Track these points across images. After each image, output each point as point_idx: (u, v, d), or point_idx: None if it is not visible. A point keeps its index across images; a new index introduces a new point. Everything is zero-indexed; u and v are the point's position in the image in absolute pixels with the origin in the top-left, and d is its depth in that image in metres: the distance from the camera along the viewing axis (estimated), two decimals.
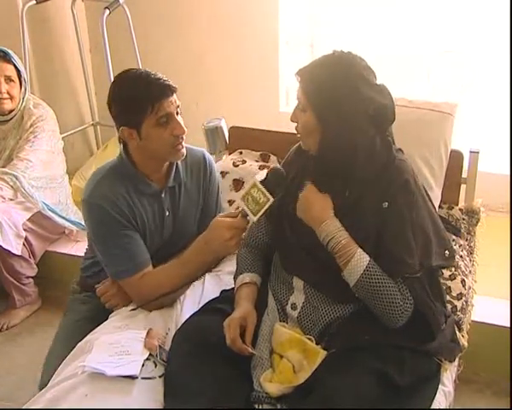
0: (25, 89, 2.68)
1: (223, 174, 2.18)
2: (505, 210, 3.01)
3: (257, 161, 2.29)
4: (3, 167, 2.63)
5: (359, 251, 1.39)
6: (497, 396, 2.16)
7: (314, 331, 1.45)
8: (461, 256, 1.91)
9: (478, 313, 1.97)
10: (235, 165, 2.24)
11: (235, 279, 1.61)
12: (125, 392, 1.38)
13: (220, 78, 3.60)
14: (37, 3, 3.25)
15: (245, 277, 1.57)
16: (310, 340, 1.43)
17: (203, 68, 3.60)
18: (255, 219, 1.50)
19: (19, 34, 3.21)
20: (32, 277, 2.71)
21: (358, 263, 1.37)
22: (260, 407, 1.37)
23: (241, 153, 2.36)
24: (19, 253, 2.57)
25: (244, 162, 2.25)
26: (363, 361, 1.33)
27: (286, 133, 2.17)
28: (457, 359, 1.61)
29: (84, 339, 1.60)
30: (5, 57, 2.59)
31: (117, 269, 1.70)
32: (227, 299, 1.59)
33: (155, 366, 1.46)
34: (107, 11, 3.05)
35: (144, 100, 1.60)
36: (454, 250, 1.57)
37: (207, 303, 1.62)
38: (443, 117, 1.99)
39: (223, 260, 1.88)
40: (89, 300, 1.90)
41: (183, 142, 1.68)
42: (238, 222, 1.55)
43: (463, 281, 1.81)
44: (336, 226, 1.41)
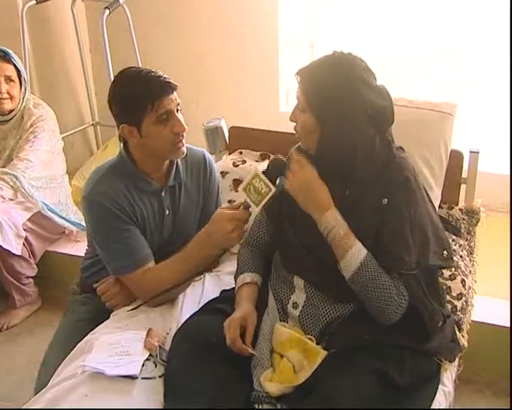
0: (25, 89, 2.68)
1: (223, 174, 2.18)
2: (505, 210, 3.01)
3: (257, 161, 2.29)
4: (3, 167, 2.63)
5: (358, 244, 1.39)
6: (497, 396, 2.16)
7: (315, 331, 1.46)
8: (461, 256, 1.91)
9: (478, 313, 1.97)
10: (235, 165, 2.24)
11: (235, 279, 1.61)
12: (125, 392, 1.38)
13: (220, 78, 3.60)
14: (37, 3, 3.25)
15: (246, 277, 1.57)
16: (310, 340, 1.43)
17: (203, 68, 3.61)
18: (257, 209, 1.50)
19: (19, 34, 3.21)
20: (32, 277, 2.71)
21: (355, 256, 1.37)
22: (260, 407, 1.37)
23: (241, 153, 2.36)
24: (19, 253, 2.57)
25: (244, 162, 2.25)
26: (363, 361, 1.33)
27: (286, 133, 2.17)
28: (457, 359, 1.61)
29: (84, 339, 1.60)
30: (5, 57, 2.59)
31: (118, 265, 1.69)
32: (227, 299, 1.59)
33: (155, 366, 1.46)
34: (107, 11, 3.05)
35: (144, 97, 1.60)
36: (452, 252, 1.57)
37: (207, 303, 1.62)
38: (443, 117, 1.99)
39: (223, 260, 1.88)
40: (88, 301, 1.90)
41: (184, 140, 1.68)
42: (240, 214, 1.55)
43: (463, 281, 1.81)
44: (336, 217, 1.41)
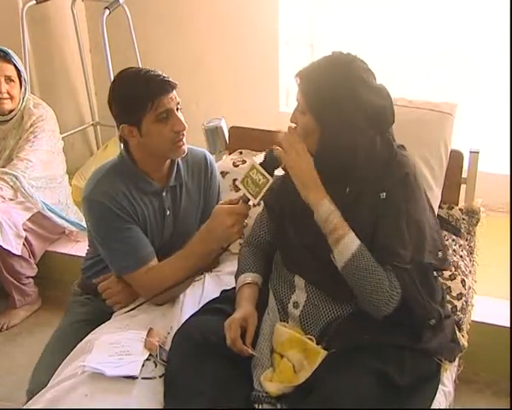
0: (25, 89, 2.68)
1: (223, 174, 2.18)
2: (505, 210, 3.01)
3: None
4: (3, 167, 2.63)
5: (351, 234, 1.39)
6: (497, 396, 2.16)
7: (315, 330, 1.45)
8: (461, 256, 1.91)
9: (478, 313, 1.97)
10: (235, 165, 2.24)
11: (236, 278, 1.61)
12: (125, 392, 1.38)
13: (220, 78, 3.60)
14: (37, 3, 3.25)
15: (247, 277, 1.57)
16: (310, 340, 1.43)
17: (203, 68, 3.60)
18: (256, 201, 1.49)
19: (19, 34, 3.21)
20: (32, 277, 2.72)
21: (349, 245, 1.37)
22: (260, 407, 1.37)
23: (241, 153, 2.36)
24: (19, 253, 2.57)
25: (244, 162, 2.25)
26: (363, 361, 1.33)
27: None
28: (457, 359, 1.61)
29: (85, 339, 1.60)
30: (5, 57, 2.59)
31: (121, 264, 1.69)
32: (227, 299, 1.59)
33: (155, 366, 1.46)
34: (107, 11, 3.05)
35: (144, 96, 1.60)
36: (447, 254, 1.57)
37: (208, 303, 1.62)
38: (443, 117, 1.99)
39: (223, 260, 1.88)
40: (89, 302, 1.91)
41: (184, 139, 1.68)
42: (239, 208, 1.54)
43: (463, 281, 1.81)
44: (331, 206, 1.41)
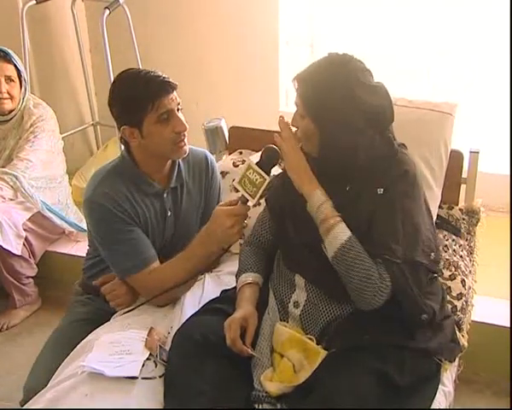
0: (25, 89, 2.68)
1: (223, 174, 2.18)
2: (505, 210, 3.01)
3: None
4: (3, 167, 2.63)
5: (341, 224, 1.39)
6: (497, 396, 2.16)
7: (315, 330, 1.46)
8: (461, 256, 1.91)
9: (478, 313, 1.97)
10: (235, 165, 2.24)
11: (237, 277, 1.61)
12: (125, 392, 1.38)
13: (220, 78, 3.60)
14: (37, 3, 3.25)
15: (247, 276, 1.57)
16: (310, 340, 1.43)
17: (203, 68, 3.61)
18: (254, 201, 1.50)
19: (19, 34, 3.21)
20: (32, 277, 2.72)
21: (339, 235, 1.38)
22: (260, 407, 1.37)
23: (241, 153, 2.36)
24: (19, 253, 2.57)
25: (244, 162, 2.25)
26: (363, 361, 1.33)
27: None
28: (457, 359, 1.61)
29: (85, 339, 1.61)
30: (5, 57, 2.59)
31: (124, 266, 1.69)
32: (227, 299, 1.59)
33: (156, 366, 1.46)
34: (107, 11, 3.05)
35: (144, 98, 1.60)
36: (440, 256, 1.57)
37: (208, 303, 1.62)
38: (443, 117, 1.99)
39: (223, 260, 1.88)
40: (90, 302, 1.91)
41: (186, 139, 1.68)
42: (238, 209, 1.54)
43: (463, 281, 1.81)
44: (324, 196, 1.42)
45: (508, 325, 2.10)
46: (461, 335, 1.68)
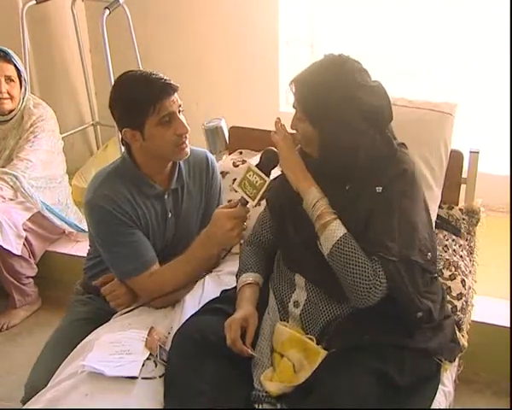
0: (25, 89, 2.68)
1: (223, 174, 2.18)
2: (505, 210, 3.01)
3: None
4: (3, 167, 2.63)
5: (337, 221, 1.40)
6: (497, 396, 2.16)
7: (315, 329, 1.46)
8: (461, 256, 1.91)
9: (478, 313, 1.97)
10: (235, 165, 2.24)
11: (237, 277, 1.61)
12: (125, 392, 1.38)
13: (220, 78, 3.60)
14: (37, 3, 3.25)
15: (248, 277, 1.58)
16: (310, 340, 1.43)
17: (203, 68, 3.61)
18: (254, 203, 1.50)
19: (19, 34, 3.21)
20: (32, 277, 2.72)
21: (334, 231, 1.39)
22: (260, 407, 1.37)
23: (241, 153, 2.36)
24: (19, 253, 2.57)
25: (244, 162, 2.25)
26: (363, 361, 1.33)
27: None
28: (457, 359, 1.61)
29: (86, 339, 1.61)
30: (5, 57, 2.59)
31: (125, 269, 1.69)
32: (227, 299, 1.59)
33: (155, 366, 1.46)
34: (107, 11, 3.05)
35: (145, 101, 1.59)
36: (436, 257, 1.57)
37: (208, 303, 1.62)
38: (443, 117, 1.99)
39: (223, 260, 1.88)
40: (90, 301, 1.91)
41: (187, 141, 1.68)
42: (238, 211, 1.55)
43: (463, 281, 1.81)
44: (320, 193, 1.43)
45: (508, 325, 2.10)
46: (461, 335, 1.68)
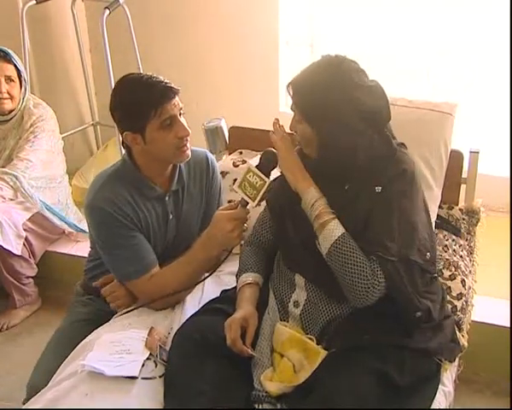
0: (25, 89, 2.68)
1: (223, 174, 2.18)
2: (505, 210, 3.01)
3: None
4: (3, 167, 2.63)
5: (335, 220, 1.41)
6: (497, 396, 2.16)
7: (315, 329, 1.46)
8: (461, 256, 1.91)
9: (478, 313, 1.97)
10: (235, 165, 2.24)
11: (237, 277, 1.61)
12: (125, 392, 1.38)
13: (220, 78, 3.60)
14: (37, 3, 3.25)
15: (248, 277, 1.58)
16: (310, 340, 1.43)
17: (203, 68, 3.61)
18: (254, 204, 1.50)
19: (19, 34, 3.21)
20: (32, 277, 2.71)
21: (332, 231, 1.39)
22: (260, 407, 1.37)
23: (241, 153, 2.36)
24: (19, 253, 2.57)
25: (244, 162, 2.25)
26: (363, 361, 1.33)
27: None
28: (457, 359, 1.61)
29: (86, 339, 1.61)
30: (5, 57, 2.59)
31: (125, 271, 1.69)
32: (227, 299, 1.59)
33: (155, 366, 1.46)
34: (107, 11, 3.05)
35: (146, 104, 1.59)
36: (436, 257, 1.57)
37: (208, 303, 1.62)
38: (443, 117, 1.99)
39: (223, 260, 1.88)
40: (91, 302, 1.91)
41: (188, 144, 1.68)
42: (238, 213, 1.55)
43: (463, 281, 1.81)
44: (318, 193, 1.44)
45: (508, 325, 2.10)
46: (461, 335, 1.68)
